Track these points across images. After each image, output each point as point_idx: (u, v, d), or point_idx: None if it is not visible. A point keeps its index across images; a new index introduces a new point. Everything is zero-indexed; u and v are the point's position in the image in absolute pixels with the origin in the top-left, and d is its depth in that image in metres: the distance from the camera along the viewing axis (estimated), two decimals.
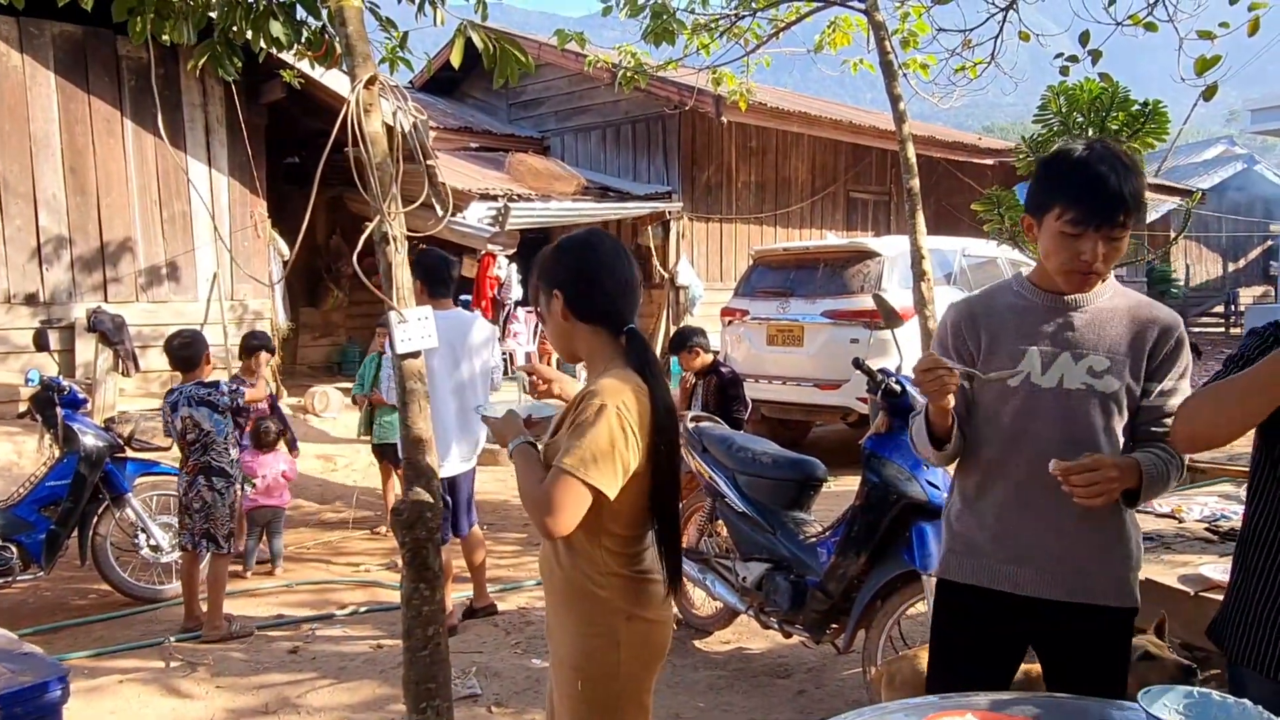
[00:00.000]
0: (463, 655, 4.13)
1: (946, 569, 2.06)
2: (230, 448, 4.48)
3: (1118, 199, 1.79)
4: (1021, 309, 1.97)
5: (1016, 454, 1.93)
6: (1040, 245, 1.91)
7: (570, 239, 1.98)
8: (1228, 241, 24.24)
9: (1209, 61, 4.72)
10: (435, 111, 13.26)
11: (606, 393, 1.81)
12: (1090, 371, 1.90)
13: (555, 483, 1.77)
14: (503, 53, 3.25)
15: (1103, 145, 1.86)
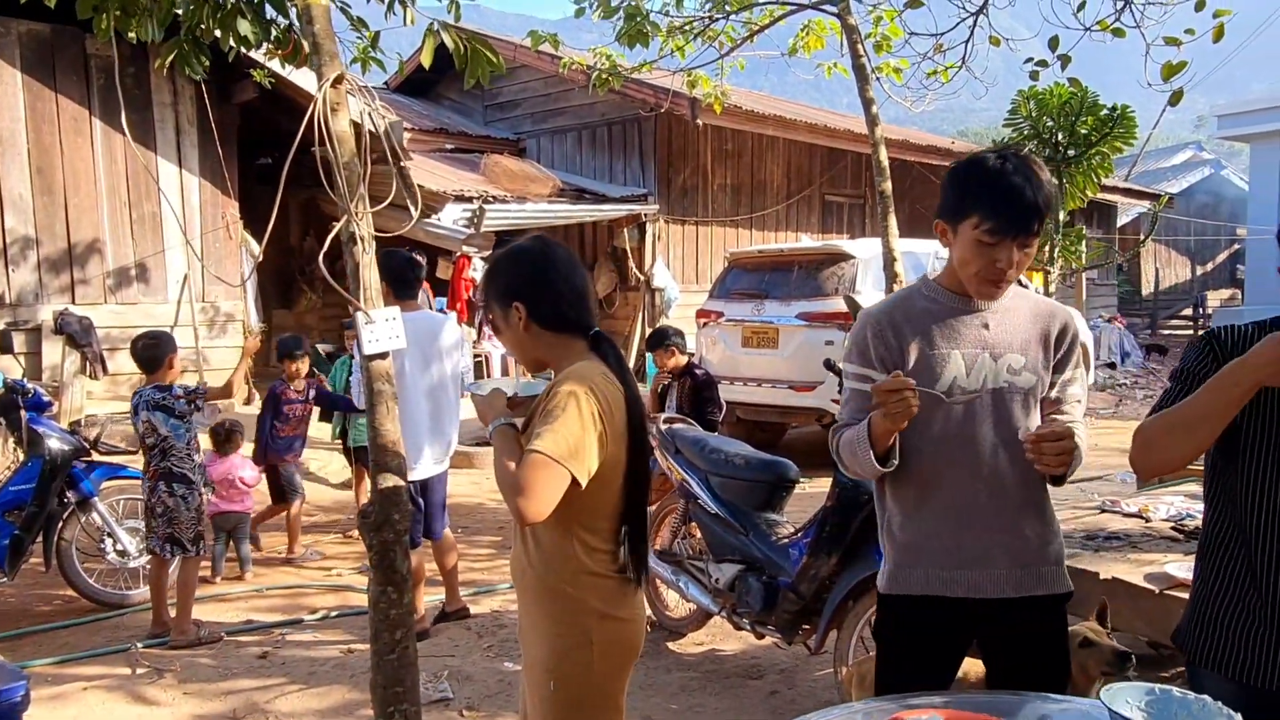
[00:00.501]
0: (435, 659, 4.10)
1: (896, 583, 2.04)
2: (193, 453, 4.39)
3: (1033, 209, 1.84)
4: (937, 314, 1.99)
5: (953, 459, 1.95)
6: (955, 252, 1.93)
7: (520, 248, 1.97)
8: (1196, 245, 24.61)
9: (1175, 67, 4.78)
10: (410, 113, 13.19)
11: (575, 380, 1.83)
12: (1009, 370, 1.95)
13: (526, 465, 1.75)
14: (474, 53, 3.23)
15: (1016, 155, 1.90)
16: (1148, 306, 21.75)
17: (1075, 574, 3.08)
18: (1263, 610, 1.72)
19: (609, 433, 1.83)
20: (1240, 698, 1.57)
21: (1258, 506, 1.72)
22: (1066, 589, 2.05)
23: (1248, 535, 1.73)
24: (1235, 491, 1.76)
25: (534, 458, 1.75)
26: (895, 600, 2.06)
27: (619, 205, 11.70)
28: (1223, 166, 27.09)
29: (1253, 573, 1.73)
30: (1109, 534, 3.55)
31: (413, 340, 4.17)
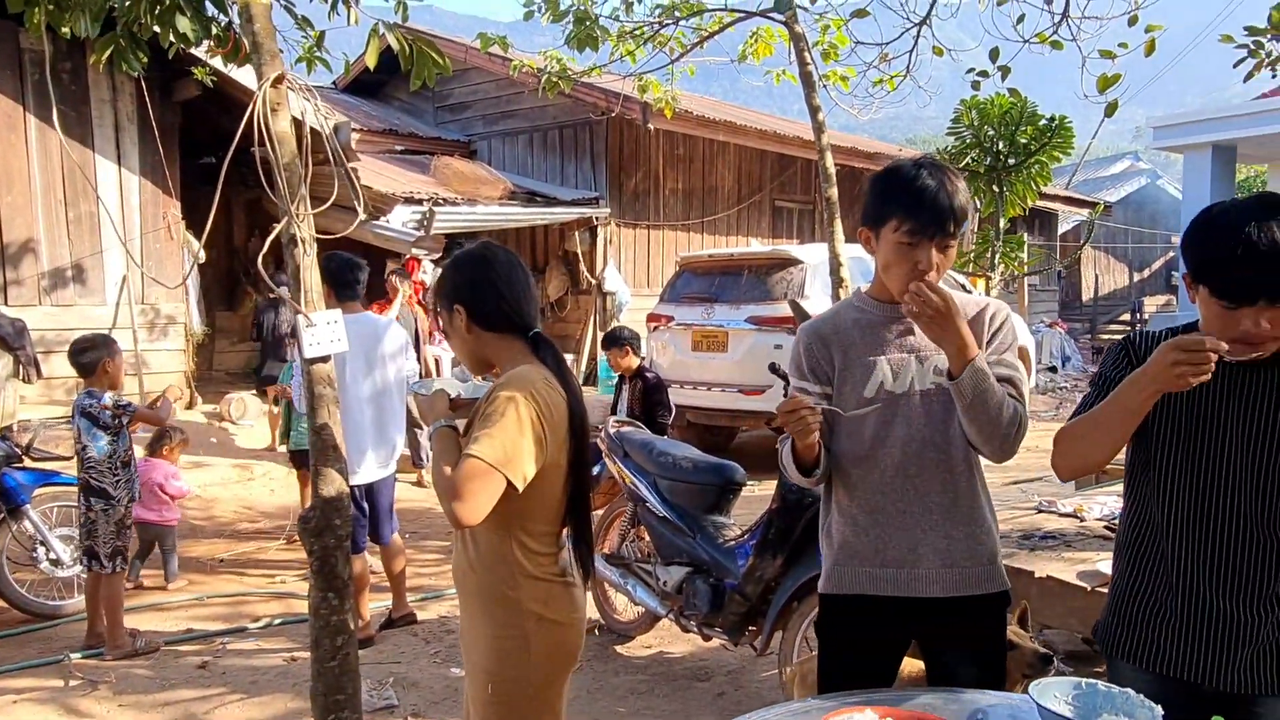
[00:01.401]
0: (380, 666, 4.06)
1: (832, 583, 2.09)
2: (120, 466, 4.22)
3: (948, 212, 1.90)
4: (865, 324, 2.05)
5: (881, 460, 2.00)
6: (879, 257, 1.99)
7: (462, 253, 2.02)
8: (1134, 252, 25.33)
9: (1110, 79, 4.93)
10: (359, 113, 13.03)
11: (514, 384, 1.84)
12: (936, 371, 2.00)
13: (463, 469, 1.76)
14: (419, 54, 3.21)
15: (932, 162, 1.97)
16: (1088, 312, 22.33)
17: (1012, 573, 3.16)
18: (1174, 604, 1.78)
19: (549, 437, 1.84)
20: (1155, 688, 1.63)
21: (1169, 504, 1.79)
22: (1000, 588, 2.08)
23: (1160, 532, 1.80)
24: (1148, 490, 1.83)
25: (470, 462, 1.75)
26: (833, 600, 2.10)
27: (570, 209, 11.68)
28: (1159, 176, 27.93)
29: (1165, 568, 1.79)
30: (1045, 534, 3.64)
31: (355, 343, 4.13)
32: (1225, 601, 1.74)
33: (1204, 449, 1.74)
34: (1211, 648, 1.75)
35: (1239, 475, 1.72)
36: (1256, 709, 1.75)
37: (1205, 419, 1.74)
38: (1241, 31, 4.72)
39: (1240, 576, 1.73)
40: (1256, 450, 1.70)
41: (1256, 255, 1.58)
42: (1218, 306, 1.64)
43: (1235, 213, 1.64)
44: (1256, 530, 1.72)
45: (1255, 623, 1.73)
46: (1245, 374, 1.71)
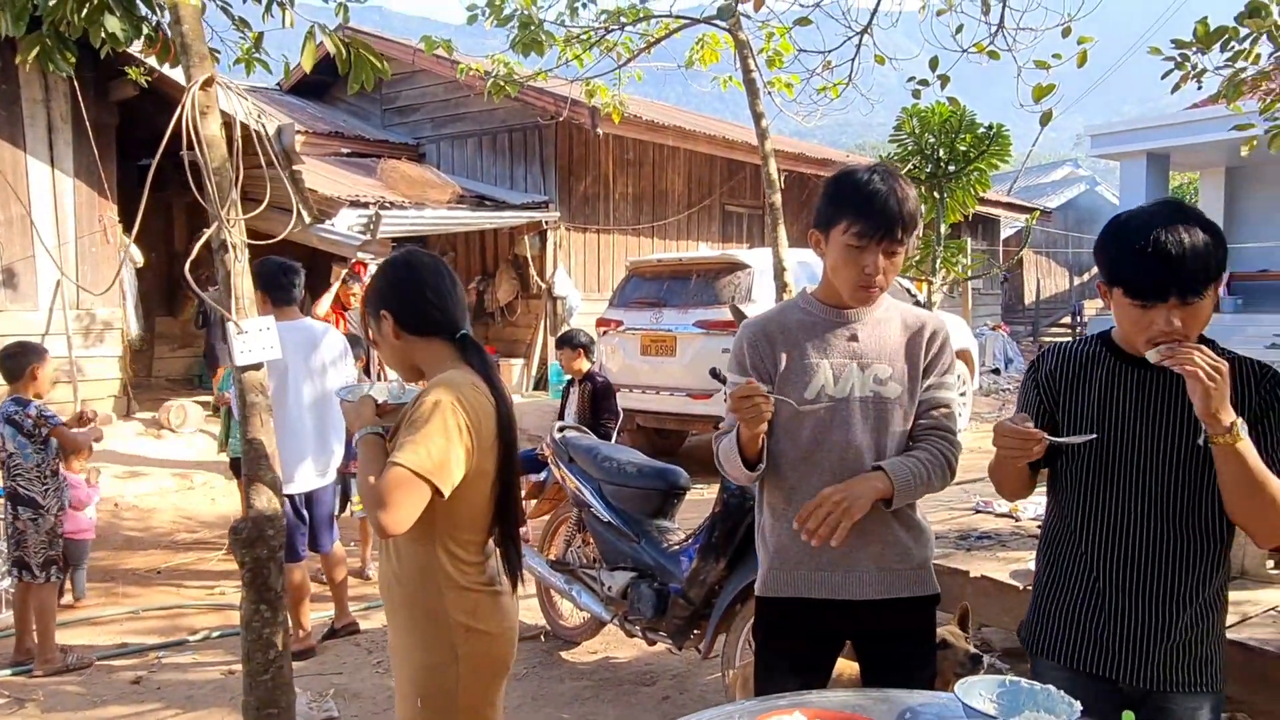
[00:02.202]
0: (321, 677, 4.00)
1: (766, 585, 2.11)
2: (49, 475, 4.10)
3: (897, 216, 1.93)
4: (810, 325, 2.06)
5: (818, 464, 2.01)
6: (828, 260, 2.02)
7: (388, 261, 2.01)
8: (1074, 257, 25.97)
9: (1045, 89, 5.04)
10: (304, 116, 12.83)
11: (440, 389, 1.82)
12: (876, 379, 2.03)
13: (388, 477, 1.73)
14: (357, 57, 3.18)
15: (884, 168, 2.00)
16: (1030, 315, 22.85)
17: (948, 573, 3.23)
18: (1091, 603, 1.83)
19: (476, 443, 1.83)
20: (1076, 685, 1.67)
21: (1083, 505, 1.84)
22: (932, 591, 2.12)
23: (1076, 533, 1.85)
24: (1063, 492, 1.88)
25: (394, 470, 1.73)
26: (768, 602, 2.12)
27: (520, 212, 11.64)
28: (1097, 183, 28.69)
29: (1082, 568, 1.85)
30: (981, 534, 3.72)
31: (292, 350, 4.07)
32: (1138, 600, 1.79)
33: (1113, 451, 1.79)
34: (1126, 645, 1.80)
35: (1147, 476, 1.77)
36: (1170, 705, 1.80)
37: (1113, 421, 1.79)
38: (1169, 44, 4.87)
39: (1152, 576, 1.78)
40: (1163, 451, 1.76)
41: (1165, 254, 1.63)
42: (1132, 308, 1.69)
43: (1144, 217, 1.69)
44: (1166, 530, 1.77)
45: (1168, 621, 1.78)
46: (1151, 377, 1.77)
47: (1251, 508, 1.69)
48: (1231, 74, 4.90)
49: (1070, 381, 1.85)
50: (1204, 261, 1.62)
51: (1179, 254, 1.62)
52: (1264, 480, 1.65)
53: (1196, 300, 1.64)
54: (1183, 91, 5.09)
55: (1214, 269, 1.64)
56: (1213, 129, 11.67)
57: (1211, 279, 1.64)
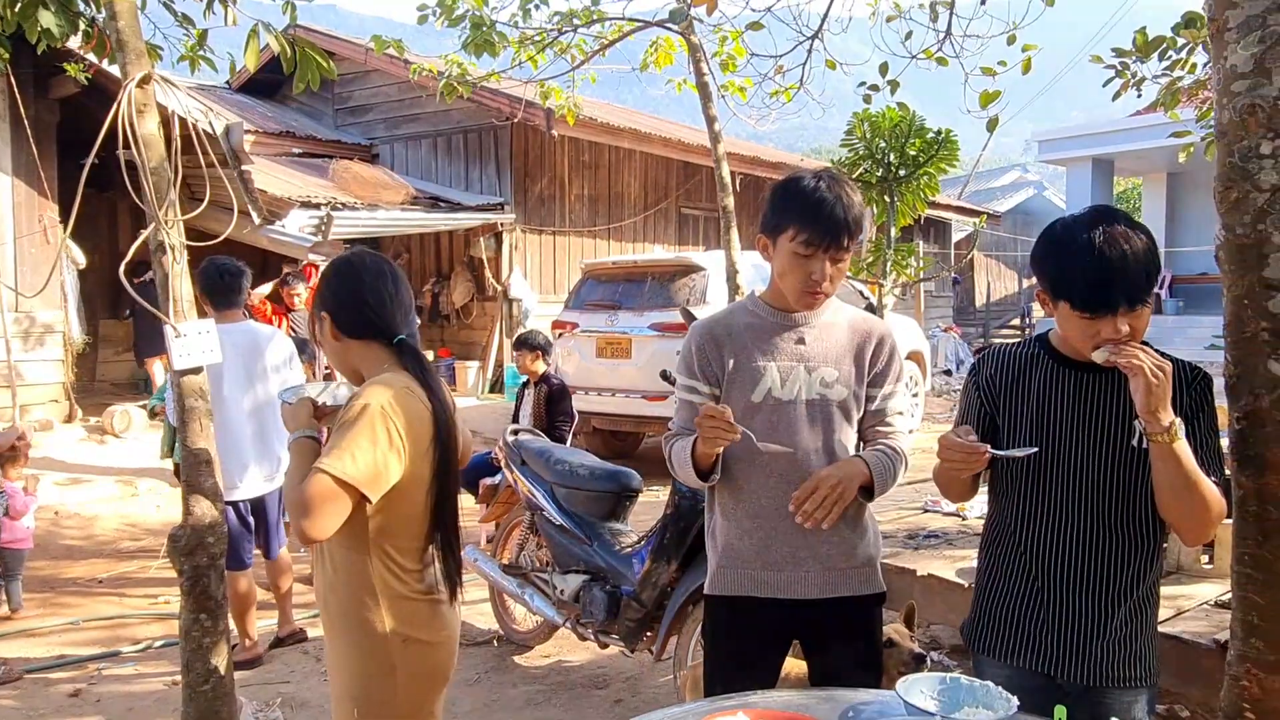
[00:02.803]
0: (268, 686, 3.93)
1: (715, 584, 2.12)
2: None
3: (843, 223, 1.95)
4: (758, 328, 2.08)
5: (765, 465, 2.03)
6: (775, 265, 2.04)
7: (332, 263, 1.98)
8: (1023, 260, 26.47)
9: (991, 95, 5.14)
10: (254, 115, 12.62)
11: (370, 394, 1.79)
12: (822, 383, 2.06)
13: (312, 483, 1.70)
14: (303, 56, 3.14)
15: (830, 174, 2.02)
16: (981, 317, 23.25)
17: (897, 571, 3.27)
18: (1029, 600, 1.87)
19: (407, 447, 1.79)
20: (1016, 682, 1.70)
21: (1022, 504, 1.87)
22: (877, 590, 2.15)
23: (1015, 532, 1.89)
24: (1003, 491, 1.91)
25: (317, 477, 1.70)
26: (716, 601, 2.13)
27: (475, 214, 11.56)
28: (1045, 187, 29.29)
29: (1021, 566, 1.88)
30: (929, 533, 3.77)
31: (235, 354, 3.99)
32: (1075, 598, 1.83)
33: (1051, 452, 1.82)
34: (1063, 642, 1.84)
35: (1084, 475, 1.81)
36: (1107, 699, 1.84)
37: (1052, 424, 1.83)
38: (1110, 53, 4.99)
39: (1088, 574, 1.82)
40: (1100, 450, 1.80)
41: (1109, 267, 1.67)
42: (1079, 320, 1.73)
43: (1078, 228, 1.72)
44: (1102, 529, 1.81)
45: (1103, 618, 1.82)
46: (1089, 380, 1.81)
47: (1183, 507, 1.74)
48: (1169, 82, 5.05)
49: (1010, 385, 1.88)
50: (1144, 269, 1.67)
51: (1122, 265, 1.66)
52: (1196, 480, 1.70)
53: (1141, 306, 1.69)
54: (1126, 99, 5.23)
55: (1153, 274, 1.69)
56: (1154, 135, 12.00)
57: (1154, 283, 1.69)
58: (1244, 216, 1.91)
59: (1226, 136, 1.94)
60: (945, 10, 5.20)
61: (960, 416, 1.98)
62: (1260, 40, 1.85)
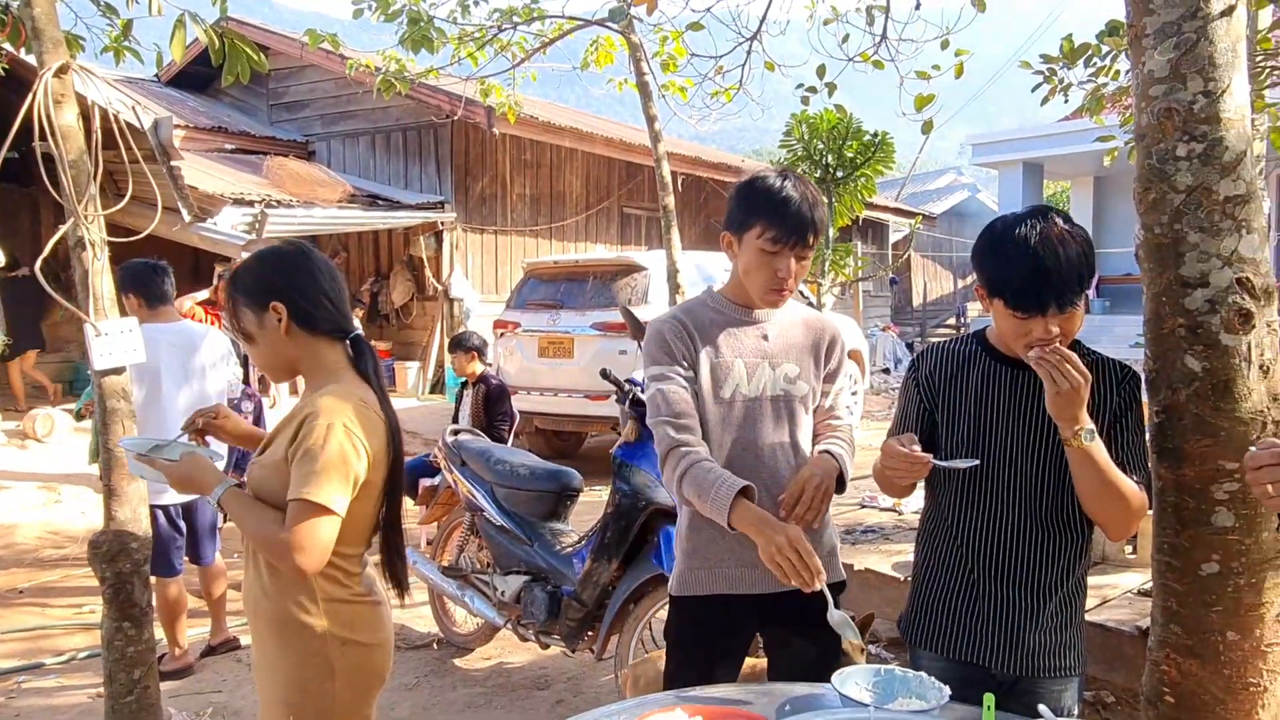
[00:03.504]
0: (199, 696, 3.82)
1: (686, 585, 2.11)
2: None
3: (809, 222, 1.98)
4: (723, 324, 2.09)
5: (734, 462, 2.03)
6: (740, 262, 2.05)
7: (274, 248, 1.88)
8: (958, 261, 27.09)
9: (926, 99, 5.24)
10: (185, 109, 12.28)
11: (330, 411, 1.73)
12: (786, 379, 2.09)
13: (302, 518, 1.66)
14: (232, 49, 3.06)
15: (795, 175, 2.04)
16: (918, 316, 23.72)
17: None
18: (963, 593, 1.91)
19: (368, 462, 1.76)
20: (950, 673, 1.73)
21: (957, 498, 1.91)
22: (840, 578, 2.20)
23: (950, 525, 1.92)
24: (940, 485, 1.95)
25: (307, 508, 1.66)
26: (685, 602, 2.12)
27: (415, 212, 11.41)
28: (978, 190, 30.01)
29: (956, 559, 1.92)
30: (866, 528, 3.83)
31: (170, 354, 3.88)
32: (1007, 590, 1.87)
33: (986, 443, 1.86)
34: (997, 633, 1.88)
35: (1019, 470, 1.85)
36: (1037, 688, 1.89)
37: (989, 418, 1.86)
38: (1038, 59, 5.13)
39: (1020, 566, 1.87)
40: (1034, 447, 1.84)
41: (1043, 269, 1.70)
42: (1012, 318, 1.76)
43: (1017, 227, 1.75)
44: (1034, 523, 1.85)
45: (1033, 609, 1.86)
46: (1024, 377, 1.85)
47: (1102, 506, 1.79)
48: (1094, 89, 5.21)
49: (949, 381, 1.92)
50: (1077, 273, 1.70)
51: (1054, 268, 1.69)
52: (1114, 480, 1.75)
53: (1071, 309, 1.72)
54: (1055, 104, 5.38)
55: (1086, 278, 1.72)
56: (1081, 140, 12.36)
57: (1084, 288, 1.72)
58: (1161, 216, 1.97)
59: (1145, 139, 2.00)
60: (881, 14, 5.28)
61: (899, 412, 2.01)
62: (1175, 46, 1.92)
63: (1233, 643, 1.99)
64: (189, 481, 1.84)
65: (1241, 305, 1.90)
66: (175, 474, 1.85)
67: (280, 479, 1.74)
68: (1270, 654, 1.99)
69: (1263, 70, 4.42)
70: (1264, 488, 1.49)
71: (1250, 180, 1.92)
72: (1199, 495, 1.97)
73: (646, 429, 3.51)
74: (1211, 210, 1.91)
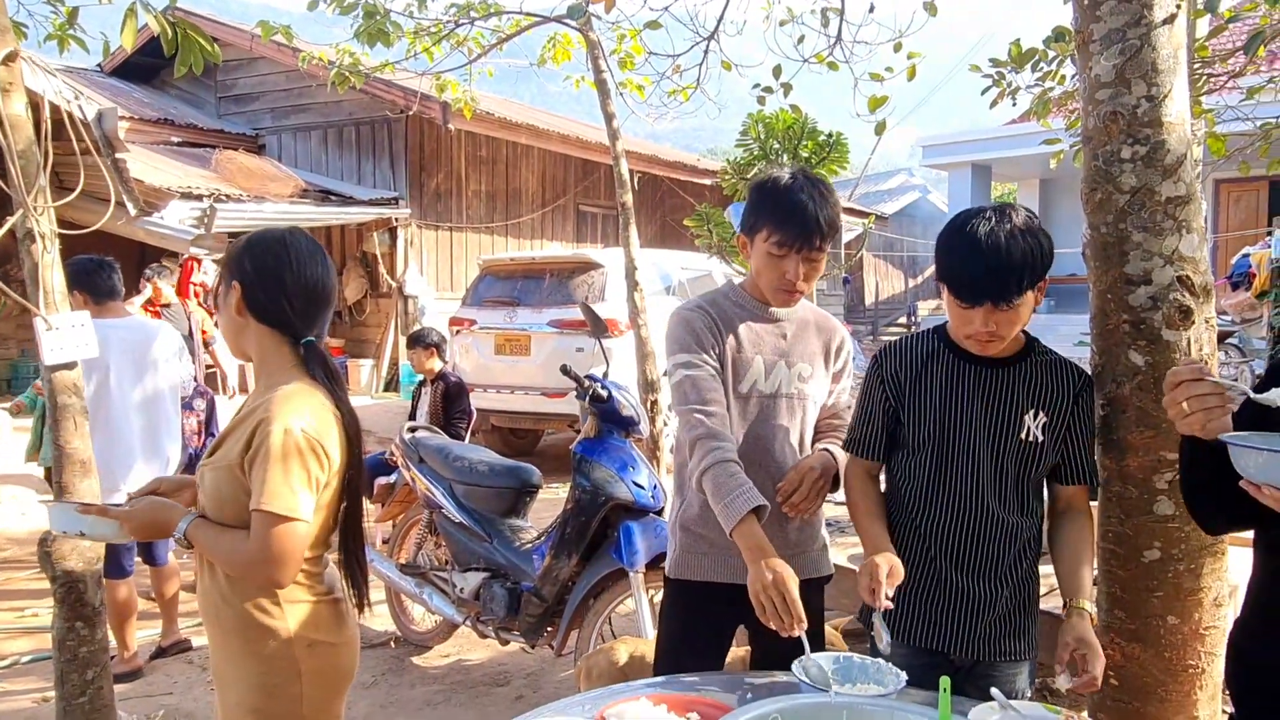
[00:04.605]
0: (150, 699, 3.75)
1: (685, 569, 2.14)
2: None
3: (816, 224, 1.99)
4: (745, 318, 2.12)
5: (749, 456, 2.04)
6: (753, 263, 2.09)
7: (264, 233, 1.83)
8: (909, 260, 27.52)
9: (879, 100, 5.33)
10: (129, 100, 11.98)
11: (286, 414, 1.67)
12: (800, 377, 2.13)
13: (268, 532, 1.62)
14: (185, 39, 3.00)
15: (804, 174, 2.05)
16: (870, 315, 24.06)
17: None
18: (921, 581, 1.96)
19: (326, 465, 1.73)
20: (910, 660, 1.78)
21: (917, 488, 1.96)
22: (829, 572, 2.27)
23: (911, 514, 1.97)
24: (901, 475, 2.00)
25: (272, 519, 1.62)
26: (680, 585, 2.16)
27: (368, 208, 11.28)
28: (929, 190, 30.51)
29: (916, 548, 1.97)
30: (826, 520, 3.88)
31: (123, 350, 3.81)
32: (964, 578, 1.92)
33: (949, 438, 1.91)
34: (953, 620, 1.94)
35: (978, 462, 1.90)
36: (993, 673, 1.95)
37: (953, 410, 1.91)
38: (988, 63, 5.24)
39: (977, 555, 1.92)
40: (994, 441, 1.89)
41: (982, 263, 1.74)
42: (956, 305, 1.81)
43: (976, 221, 1.78)
44: (993, 512, 1.90)
45: (990, 597, 1.92)
46: (988, 371, 1.90)
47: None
48: (1041, 93, 5.34)
49: (914, 378, 1.95)
50: (1019, 271, 1.72)
51: (995, 263, 1.73)
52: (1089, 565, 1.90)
53: (1008, 307, 1.75)
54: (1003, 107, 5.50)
55: (1030, 276, 1.74)
56: (1028, 143, 12.62)
57: (1028, 286, 1.74)
58: (1107, 216, 2.05)
59: (1092, 142, 2.07)
60: (836, 16, 5.35)
61: (862, 408, 2.03)
62: (1121, 52, 1.99)
63: (1173, 626, 2.07)
64: (153, 526, 1.78)
65: (1182, 302, 1.98)
66: (137, 521, 1.78)
67: (233, 483, 1.70)
68: (1208, 637, 2.08)
69: (1200, 77, 4.57)
70: (1179, 406, 1.45)
71: (1190, 182, 2.00)
72: (1141, 485, 2.04)
73: (606, 425, 3.55)
74: (1154, 210, 1.98)
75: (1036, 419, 1.89)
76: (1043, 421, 1.89)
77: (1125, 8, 1.98)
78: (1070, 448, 1.91)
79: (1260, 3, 4.55)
